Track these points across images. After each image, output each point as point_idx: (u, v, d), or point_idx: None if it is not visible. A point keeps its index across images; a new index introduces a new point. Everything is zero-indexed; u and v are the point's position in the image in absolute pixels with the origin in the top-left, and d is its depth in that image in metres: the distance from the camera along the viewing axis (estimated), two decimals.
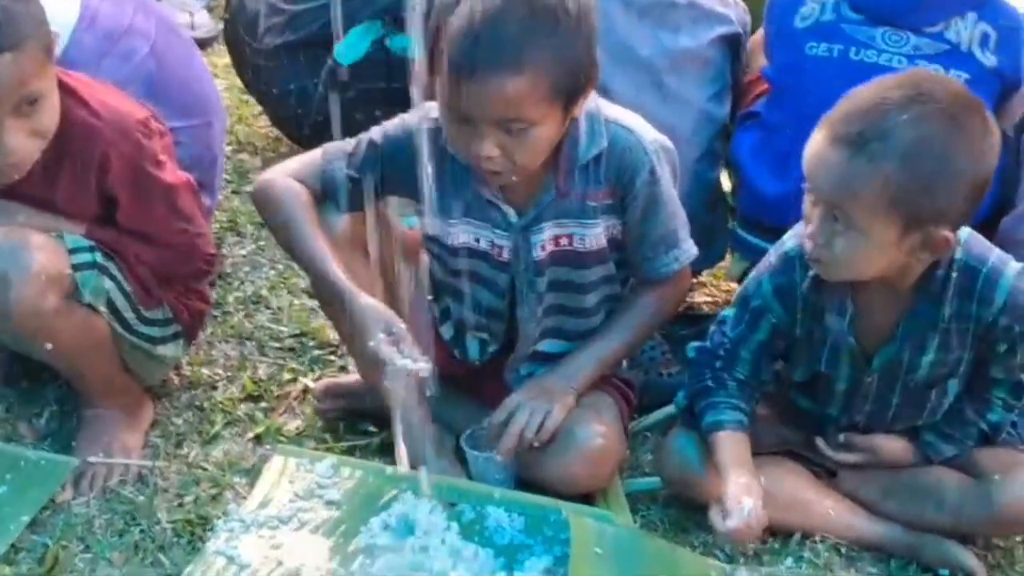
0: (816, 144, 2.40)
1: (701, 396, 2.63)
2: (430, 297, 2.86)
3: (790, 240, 2.57)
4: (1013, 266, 2.48)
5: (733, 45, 3.11)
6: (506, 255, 2.68)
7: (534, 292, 2.71)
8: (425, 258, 2.83)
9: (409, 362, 2.48)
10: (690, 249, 2.71)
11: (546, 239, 2.65)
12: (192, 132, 3.06)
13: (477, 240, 2.68)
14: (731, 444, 2.57)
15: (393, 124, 2.69)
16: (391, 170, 2.66)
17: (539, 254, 2.67)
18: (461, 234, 2.68)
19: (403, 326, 2.52)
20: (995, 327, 2.49)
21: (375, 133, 2.69)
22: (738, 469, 2.51)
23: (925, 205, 2.34)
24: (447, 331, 2.85)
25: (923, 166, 2.31)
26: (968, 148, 2.34)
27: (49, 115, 2.58)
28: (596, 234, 2.66)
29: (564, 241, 2.66)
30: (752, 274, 2.66)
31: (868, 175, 2.32)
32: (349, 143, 2.70)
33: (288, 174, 2.69)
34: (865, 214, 2.35)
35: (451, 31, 2.39)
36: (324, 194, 2.67)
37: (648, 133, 2.64)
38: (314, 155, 2.72)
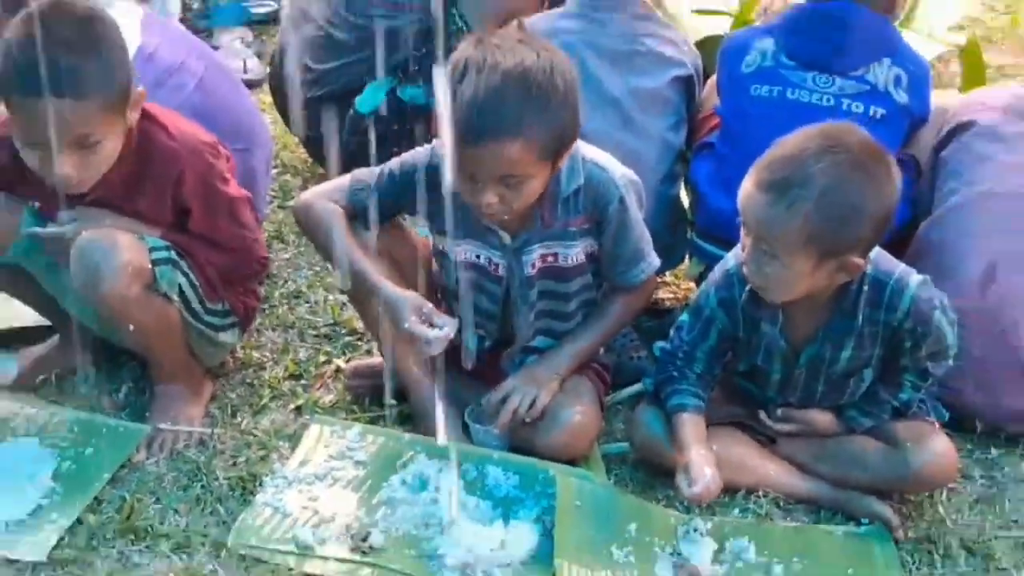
0: (746, 188, 2.40)
1: (666, 384, 2.62)
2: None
3: (731, 259, 2.57)
4: (915, 278, 2.47)
5: (687, 84, 3.08)
6: (501, 271, 2.67)
7: (527, 302, 2.70)
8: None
9: (438, 331, 2.50)
10: (654, 261, 2.71)
11: (535, 258, 2.65)
12: (240, 154, 3.01)
13: (477, 257, 2.67)
14: (692, 424, 2.56)
15: (408, 157, 2.68)
16: (404, 194, 2.65)
17: (530, 271, 2.66)
18: (463, 252, 2.67)
19: (430, 305, 2.54)
20: (901, 329, 2.48)
21: (394, 164, 2.68)
22: (698, 444, 2.52)
23: (838, 240, 2.35)
24: None
25: (836, 208, 2.32)
26: (874, 190, 2.35)
27: (105, 156, 2.56)
28: (576, 252, 2.65)
29: (550, 259, 2.65)
30: (703, 286, 2.65)
31: (789, 217, 2.33)
32: (374, 171, 2.69)
33: (324, 196, 2.69)
34: (787, 249, 2.35)
35: (458, 104, 2.38)
36: (353, 211, 2.66)
37: (618, 169, 2.63)
38: (343, 180, 2.71)
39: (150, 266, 2.62)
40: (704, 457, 2.48)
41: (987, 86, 3.09)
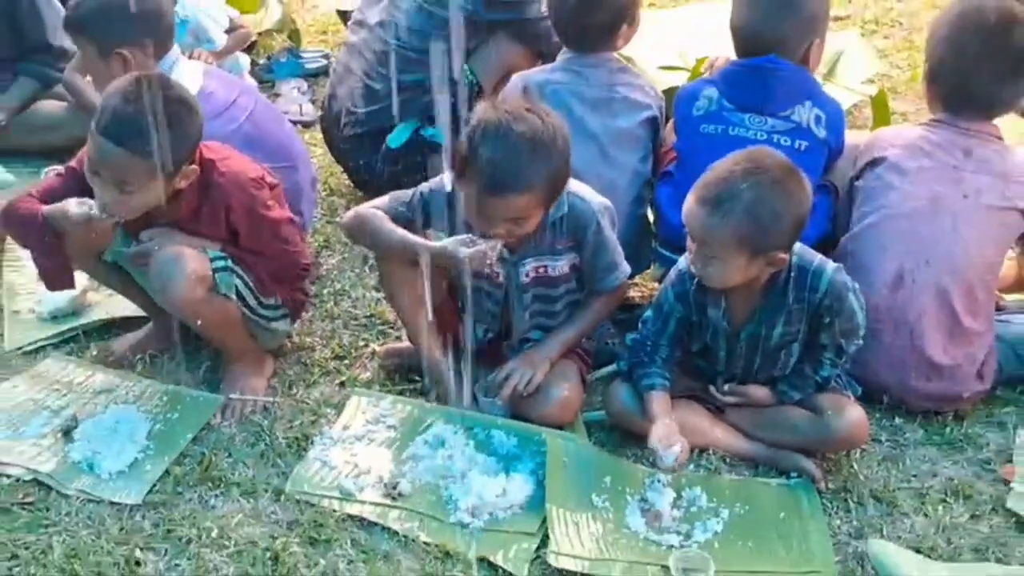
0: (688, 203, 2.43)
1: (637, 367, 2.62)
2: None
3: (682, 261, 2.58)
4: (831, 265, 2.50)
5: (654, 124, 3.07)
6: (502, 279, 2.66)
7: (522, 304, 2.70)
8: None
9: (483, 244, 2.50)
10: (626, 269, 2.71)
11: (529, 269, 2.65)
12: (280, 171, 2.99)
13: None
14: (660, 400, 2.56)
15: (432, 184, 2.67)
16: (430, 211, 2.64)
17: (525, 279, 2.66)
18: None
19: (468, 236, 2.52)
20: (821, 307, 2.49)
21: (423, 187, 2.67)
22: (665, 415, 2.52)
23: (764, 241, 2.38)
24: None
25: (760, 217, 2.35)
26: (790, 200, 2.38)
27: (136, 203, 2.56)
28: (562, 265, 2.65)
29: (541, 270, 2.65)
30: (661, 286, 2.65)
31: (723, 225, 2.36)
32: (407, 193, 2.68)
33: (368, 206, 2.70)
34: (724, 250, 2.39)
35: (478, 166, 2.41)
36: (392, 220, 2.65)
37: (595, 198, 2.63)
38: (383, 199, 2.70)
39: (211, 273, 2.62)
40: (671, 427, 2.48)
41: (892, 126, 3.09)
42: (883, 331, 2.68)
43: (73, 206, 2.57)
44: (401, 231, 2.61)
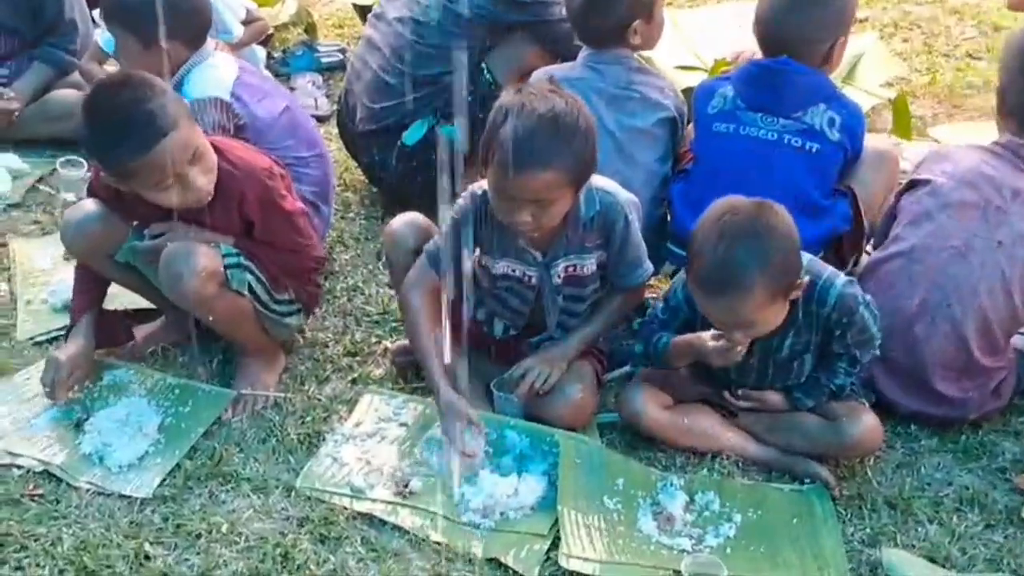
0: (701, 299, 2.40)
1: (651, 339, 2.59)
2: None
3: None
4: (841, 279, 2.46)
5: (672, 124, 3.06)
6: (533, 281, 2.65)
7: (555, 303, 2.68)
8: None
9: (466, 448, 2.48)
10: (649, 268, 2.69)
11: (560, 270, 2.63)
12: (318, 159, 3.11)
13: (514, 271, 2.65)
14: (679, 341, 2.56)
15: (457, 208, 2.62)
16: (463, 230, 2.61)
17: (557, 280, 2.64)
18: (503, 267, 2.65)
19: (472, 416, 2.51)
20: (830, 320, 2.46)
21: (448, 220, 2.61)
22: (696, 337, 2.51)
23: (789, 281, 2.36)
24: (482, 315, 2.80)
25: (776, 270, 2.32)
26: (779, 233, 2.34)
27: (209, 155, 2.56)
28: (591, 263, 2.63)
29: (572, 269, 2.63)
30: (672, 283, 2.62)
31: (748, 300, 2.33)
32: (439, 240, 2.63)
33: (416, 284, 2.63)
34: (760, 314, 2.37)
35: (501, 142, 2.37)
36: (438, 277, 2.61)
37: (622, 194, 2.61)
38: (422, 259, 2.65)
39: (223, 269, 2.60)
40: (710, 335, 2.48)
41: (958, 145, 2.93)
42: (898, 359, 2.65)
43: None
44: (429, 354, 2.56)
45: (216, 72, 2.99)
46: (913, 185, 2.78)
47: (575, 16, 3.07)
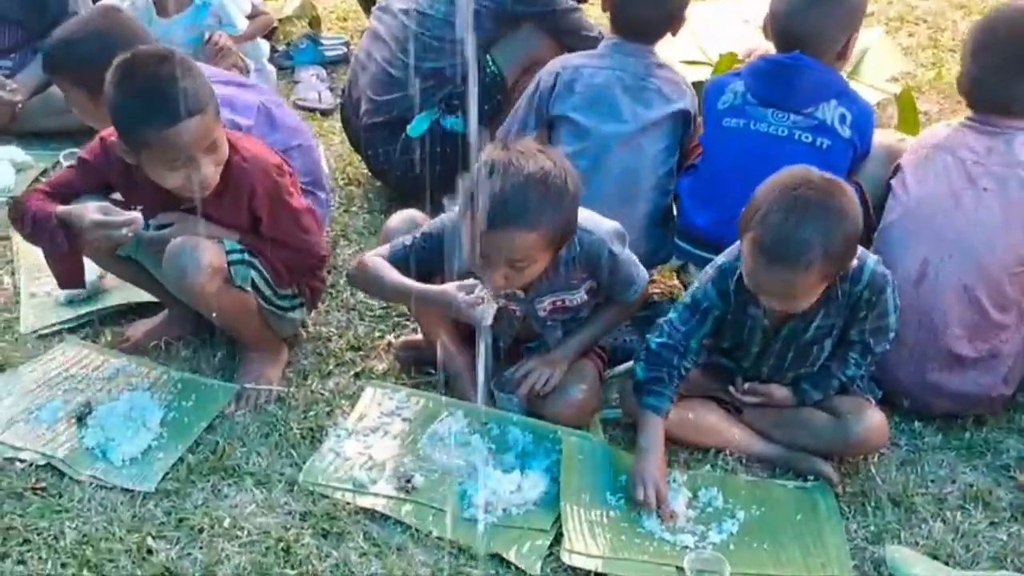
0: (756, 267, 2.34)
1: (655, 382, 2.49)
2: None
3: (722, 258, 2.52)
4: (872, 257, 2.46)
5: (684, 118, 3.05)
6: (518, 313, 2.63)
7: (545, 328, 2.67)
8: None
9: (484, 306, 2.42)
10: (644, 277, 2.68)
11: (546, 305, 2.62)
12: (303, 150, 3.08)
13: (498, 301, 2.52)
14: (658, 429, 2.47)
15: (433, 227, 2.60)
16: (432, 257, 2.58)
17: (543, 313, 2.63)
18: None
19: (470, 282, 2.46)
20: (860, 299, 2.45)
21: (422, 231, 2.61)
22: (656, 451, 2.44)
23: (842, 266, 2.36)
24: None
25: (836, 252, 2.31)
26: (847, 218, 2.32)
27: (223, 149, 2.55)
28: (580, 294, 2.62)
29: (559, 303, 2.62)
30: (697, 285, 2.56)
31: (806, 278, 2.32)
32: (408, 237, 2.62)
33: (371, 254, 2.65)
34: (807, 294, 2.37)
35: (487, 196, 2.33)
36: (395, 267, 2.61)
37: (602, 227, 2.57)
38: (384, 247, 2.66)
39: (227, 265, 2.59)
40: (659, 469, 2.42)
41: (928, 128, 3.07)
42: (907, 327, 2.64)
43: (92, 212, 2.54)
44: (397, 277, 2.55)
45: None
46: (895, 169, 2.82)
47: (623, 4, 3.05)
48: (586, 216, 2.55)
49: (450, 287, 2.48)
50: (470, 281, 2.46)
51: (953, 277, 2.64)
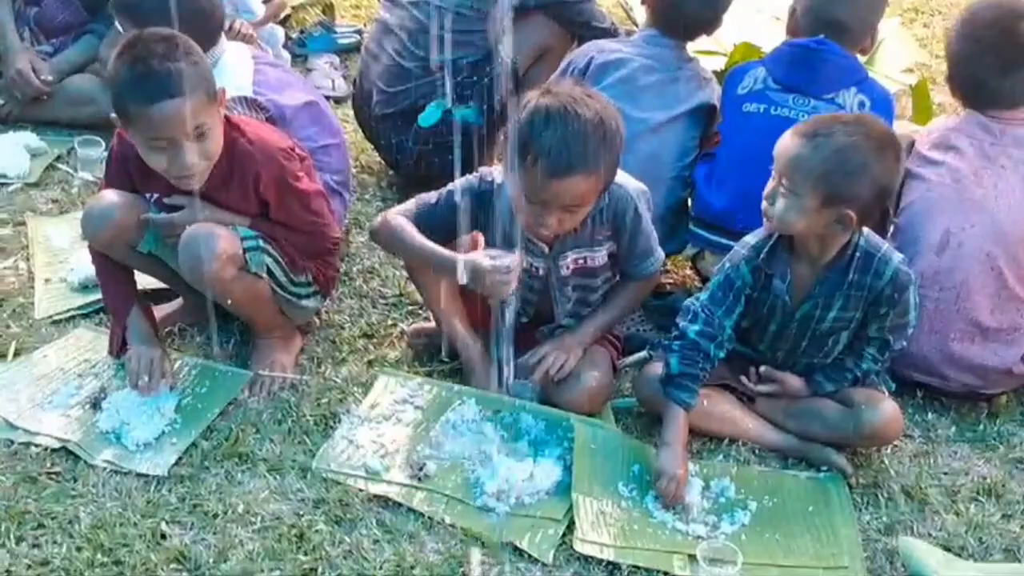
0: (785, 138, 2.41)
1: (687, 377, 2.48)
2: None
3: (752, 238, 2.53)
4: (898, 256, 2.47)
5: (707, 111, 3.07)
6: (541, 272, 2.63)
7: (564, 294, 2.67)
8: None
9: (508, 258, 2.45)
10: (661, 256, 2.69)
11: (569, 261, 2.62)
12: (338, 148, 3.15)
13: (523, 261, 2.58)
14: (684, 424, 2.47)
15: (459, 182, 2.61)
16: (457, 212, 2.59)
17: (565, 272, 2.63)
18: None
19: (494, 252, 2.49)
20: (881, 295, 2.44)
21: (445, 191, 2.62)
22: (679, 444, 2.44)
23: (842, 189, 2.34)
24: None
25: (847, 162, 2.32)
26: (880, 161, 2.36)
27: (214, 143, 2.53)
28: (602, 254, 2.62)
29: (581, 261, 2.62)
30: (726, 267, 2.54)
31: (809, 158, 2.34)
32: (432, 195, 2.64)
33: (394, 213, 2.66)
34: (802, 184, 2.35)
35: (545, 145, 2.35)
36: (418, 227, 2.62)
37: (631, 183, 2.60)
38: (410, 203, 2.68)
39: (242, 252, 2.59)
40: (684, 464, 2.42)
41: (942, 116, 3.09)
42: (928, 295, 2.64)
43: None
44: (420, 239, 2.57)
45: (233, 71, 2.98)
46: (913, 155, 2.81)
47: (670, 1, 3.05)
48: (617, 172, 2.58)
49: (475, 254, 2.50)
50: (496, 251, 2.49)
51: (976, 245, 2.67)
